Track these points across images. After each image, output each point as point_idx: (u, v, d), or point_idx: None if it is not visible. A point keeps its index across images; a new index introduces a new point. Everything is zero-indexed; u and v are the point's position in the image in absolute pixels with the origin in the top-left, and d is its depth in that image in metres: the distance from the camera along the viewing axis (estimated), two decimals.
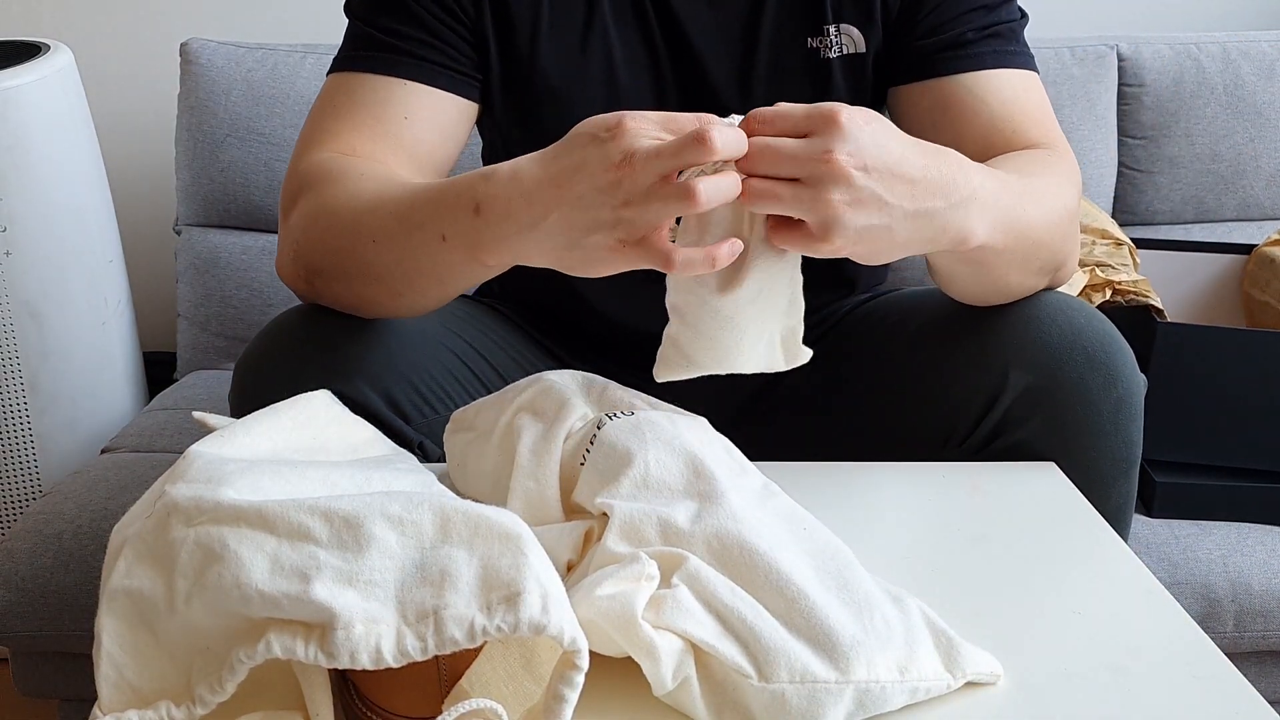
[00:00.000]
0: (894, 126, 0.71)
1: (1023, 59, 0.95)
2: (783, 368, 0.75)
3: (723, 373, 0.73)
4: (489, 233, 0.73)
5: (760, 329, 0.73)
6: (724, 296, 0.70)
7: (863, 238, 0.68)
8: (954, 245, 0.74)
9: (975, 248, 0.75)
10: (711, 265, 0.66)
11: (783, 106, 0.68)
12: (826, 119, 0.67)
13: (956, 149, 0.91)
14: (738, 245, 0.68)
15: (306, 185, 0.87)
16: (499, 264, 0.76)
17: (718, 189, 0.65)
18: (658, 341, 0.74)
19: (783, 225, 0.69)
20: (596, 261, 0.69)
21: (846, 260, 0.71)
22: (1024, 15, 0.96)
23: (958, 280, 0.86)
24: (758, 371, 0.74)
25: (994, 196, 0.76)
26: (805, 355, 0.76)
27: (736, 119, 0.69)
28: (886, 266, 1.17)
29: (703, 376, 0.74)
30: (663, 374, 0.75)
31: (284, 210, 0.90)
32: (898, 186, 0.68)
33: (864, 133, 0.67)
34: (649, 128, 0.66)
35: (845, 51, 0.97)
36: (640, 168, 0.64)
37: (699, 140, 0.63)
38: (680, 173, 0.66)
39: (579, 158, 0.67)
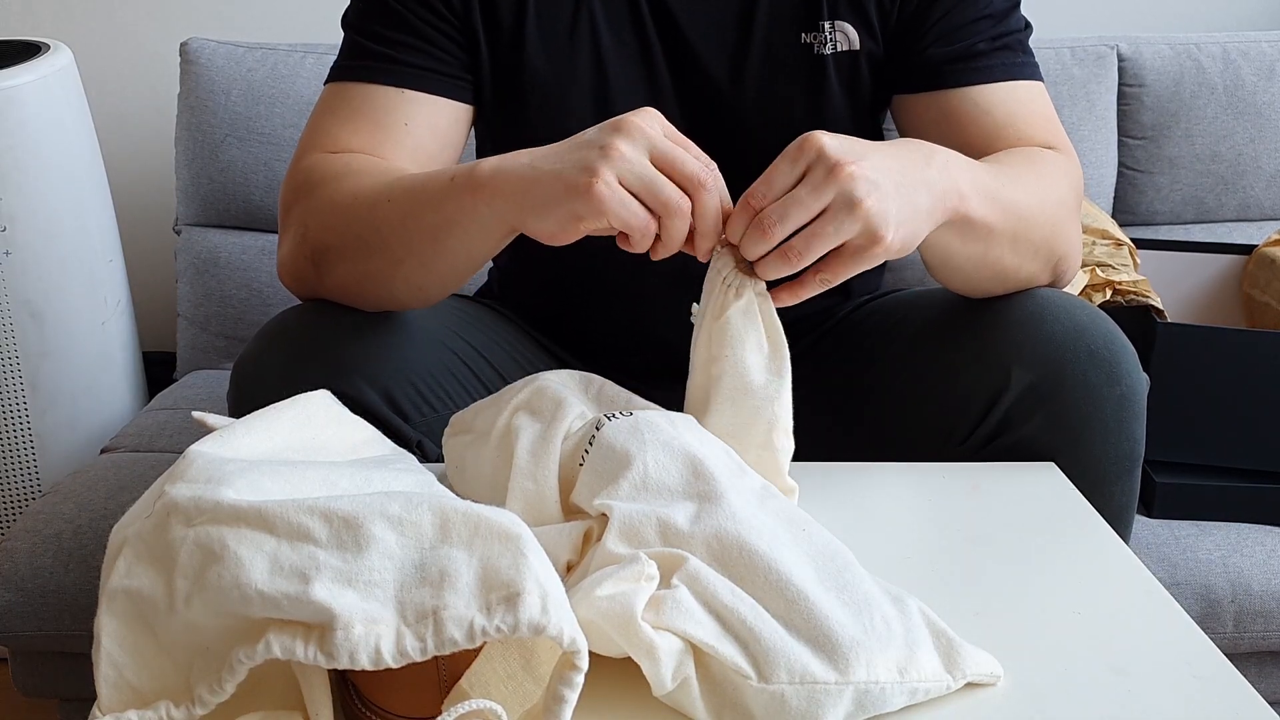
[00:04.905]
0: None
1: (1030, 69, 0.96)
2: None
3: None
4: (497, 165, 0.75)
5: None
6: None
7: (902, 221, 0.71)
8: (955, 207, 0.77)
9: (966, 217, 0.78)
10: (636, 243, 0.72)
11: (766, 172, 0.71)
12: (807, 147, 0.70)
13: None
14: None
15: (316, 180, 0.88)
16: (487, 207, 0.76)
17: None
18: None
19: (831, 259, 0.72)
20: (554, 200, 0.71)
21: None
22: (1029, 25, 0.97)
23: (955, 262, 0.86)
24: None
25: (963, 162, 0.80)
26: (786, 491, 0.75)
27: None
28: (881, 270, 1.17)
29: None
30: None
31: (286, 206, 0.91)
32: (893, 166, 0.72)
33: (838, 140, 0.71)
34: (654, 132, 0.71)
35: (839, 48, 0.97)
36: (635, 135, 0.70)
37: (695, 182, 0.70)
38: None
39: (593, 133, 0.72)
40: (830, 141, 0.70)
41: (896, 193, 0.71)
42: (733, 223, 0.71)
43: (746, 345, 0.71)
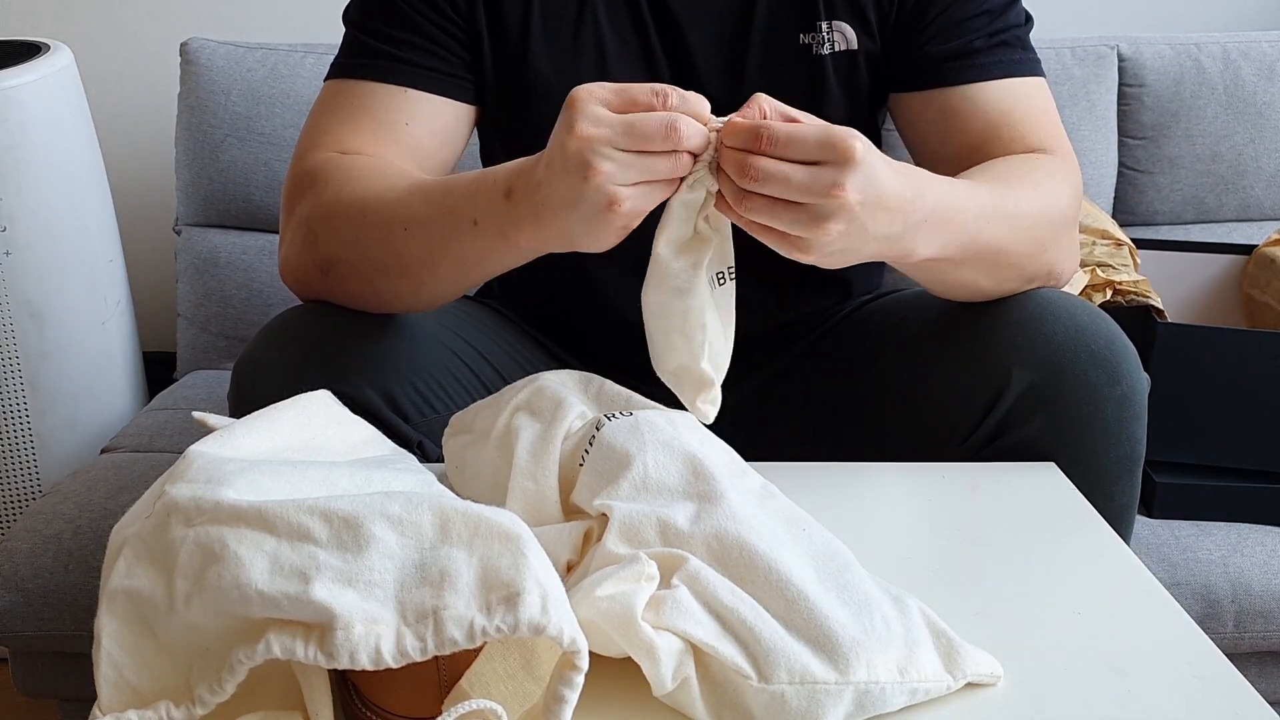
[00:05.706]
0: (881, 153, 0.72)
1: (1029, 66, 0.96)
2: (688, 411, 0.73)
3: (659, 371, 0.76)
4: (518, 212, 0.75)
5: (666, 347, 0.74)
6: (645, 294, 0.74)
7: (834, 257, 0.72)
8: (897, 260, 0.78)
9: (919, 261, 0.78)
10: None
11: (795, 129, 0.68)
12: (842, 151, 0.67)
13: (957, 155, 0.92)
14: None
15: (317, 180, 0.88)
16: (530, 246, 0.77)
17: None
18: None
19: (764, 228, 0.70)
20: (596, 228, 0.70)
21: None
22: (1029, 20, 0.97)
23: (918, 280, 0.88)
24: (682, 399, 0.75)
25: (949, 215, 0.78)
26: (698, 414, 0.74)
27: (719, 122, 0.70)
28: (882, 270, 1.17)
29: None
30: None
31: (290, 204, 0.90)
32: (880, 216, 0.71)
33: (870, 167, 0.68)
34: (600, 99, 0.68)
35: (837, 48, 0.97)
36: (584, 142, 0.67)
37: (668, 131, 0.67)
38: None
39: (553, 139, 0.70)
40: (862, 158, 0.67)
41: (860, 233, 0.70)
42: (735, 129, 0.69)
43: (676, 231, 0.71)
